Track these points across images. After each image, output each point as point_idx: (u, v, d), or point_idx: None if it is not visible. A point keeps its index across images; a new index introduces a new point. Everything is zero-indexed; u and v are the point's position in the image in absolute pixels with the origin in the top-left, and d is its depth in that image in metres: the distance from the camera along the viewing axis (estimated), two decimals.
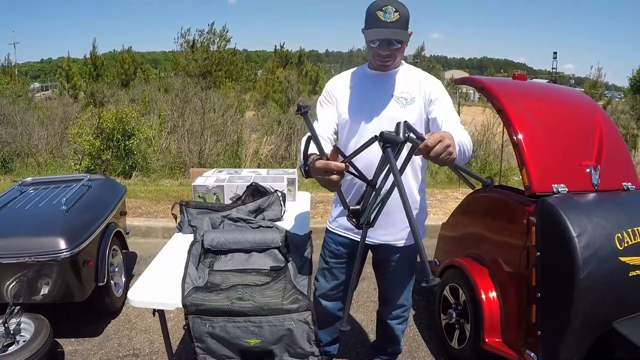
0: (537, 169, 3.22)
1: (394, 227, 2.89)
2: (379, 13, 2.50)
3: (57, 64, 39.03)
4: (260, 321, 2.30)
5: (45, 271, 3.75)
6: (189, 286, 2.37)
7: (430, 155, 1.94)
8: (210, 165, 11.07)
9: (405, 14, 2.54)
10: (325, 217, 7.35)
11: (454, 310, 3.93)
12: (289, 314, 2.30)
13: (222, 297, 2.31)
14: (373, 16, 2.53)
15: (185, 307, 2.30)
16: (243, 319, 2.29)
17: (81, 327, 4.37)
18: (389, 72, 2.78)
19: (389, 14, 2.49)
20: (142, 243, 6.61)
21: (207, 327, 2.32)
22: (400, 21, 2.52)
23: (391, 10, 2.49)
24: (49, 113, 15.09)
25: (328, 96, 2.89)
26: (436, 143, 1.92)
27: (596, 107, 3.97)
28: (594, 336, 2.98)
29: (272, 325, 2.30)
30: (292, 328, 2.31)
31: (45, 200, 4.53)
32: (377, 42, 2.59)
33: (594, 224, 2.94)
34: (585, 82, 23.89)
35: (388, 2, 2.51)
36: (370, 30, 2.56)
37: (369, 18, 2.57)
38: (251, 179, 3.73)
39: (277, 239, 2.68)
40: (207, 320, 2.31)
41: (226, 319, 2.30)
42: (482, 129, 13.34)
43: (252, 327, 2.30)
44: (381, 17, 2.50)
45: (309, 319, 2.32)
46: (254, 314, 2.28)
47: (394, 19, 2.50)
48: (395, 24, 2.50)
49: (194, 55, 24.45)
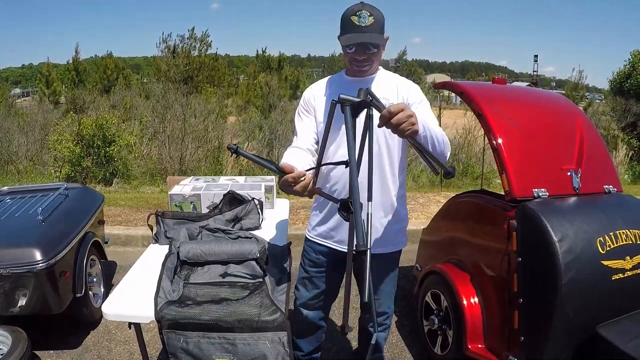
0: (517, 174, 3.21)
1: (375, 235, 2.85)
2: (354, 18, 2.50)
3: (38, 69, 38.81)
4: (235, 338, 2.25)
5: (22, 283, 3.69)
6: (162, 300, 2.32)
7: (392, 123, 1.98)
8: (191, 172, 11.02)
9: (380, 18, 2.53)
10: (307, 224, 7.32)
11: (436, 317, 3.90)
12: (263, 333, 2.25)
13: (196, 312, 2.26)
14: (348, 21, 2.53)
15: (159, 322, 2.26)
16: (217, 335, 2.25)
17: (60, 339, 4.30)
18: (366, 78, 2.75)
19: (364, 18, 2.48)
20: (121, 252, 6.55)
21: (181, 342, 2.28)
22: (375, 25, 2.51)
23: (365, 14, 2.48)
24: (29, 119, 14.94)
25: (305, 105, 2.88)
26: (399, 111, 1.97)
27: (576, 110, 3.97)
28: (577, 341, 2.97)
29: (246, 344, 2.26)
30: (267, 352, 2.26)
31: (22, 210, 4.46)
32: (352, 48, 2.57)
33: (575, 228, 2.93)
34: (567, 84, 24.09)
35: (362, 6, 2.51)
36: (346, 36, 2.55)
37: (343, 23, 2.57)
38: (228, 187, 3.69)
39: (254, 250, 2.61)
40: (181, 335, 2.27)
41: (200, 334, 2.26)
42: (463, 132, 13.37)
43: (226, 344, 2.26)
44: (356, 22, 2.50)
45: (284, 340, 2.27)
46: (228, 329, 2.23)
47: (369, 23, 2.49)
48: (370, 28, 2.50)
49: (175, 61, 24.37)
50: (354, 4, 2.56)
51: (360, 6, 2.51)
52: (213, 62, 26.71)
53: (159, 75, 24.54)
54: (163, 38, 25.32)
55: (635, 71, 18.39)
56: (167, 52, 25.15)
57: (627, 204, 3.41)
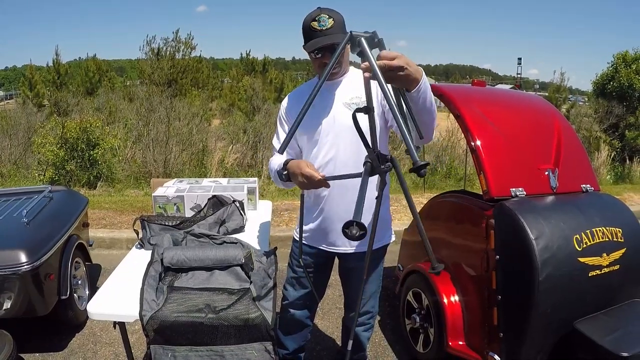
0: (495, 174, 3.26)
1: None
2: (314, 24, 2.54)
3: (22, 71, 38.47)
4: (222, 350, 2.27)
5: (6, 285, 3.69)
6: (148, 313, 2.27)
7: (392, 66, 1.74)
8: (175, 175, 10.99)
9: (340, 19, 2.57)
10: (290, 225, 7.35)
11: (417, 315, 3.95)
12: (250, 343, 2.28)
13: (182, 314, 2.27)
14: (309, 28, 2.57)
15: (148, 336, 2.26)
16: (205, 348, 2.26)
17: (45, 342, 4.31)
18: (336, 80, 2.80)
19: (324, 22, 2.52)
20: (106, 255, 6.55)
21: (169, 356, 2.28)
22: (336, 27, 2.55)
23: (325, 17, 2.52)
24: (13, 122, 14.85)
25: (284, 113, 2.96)
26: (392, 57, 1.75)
27: (555, 112, 4.03)
28: (556, 337, 3.04)
29: (234, 355, 2.28)
30: (253, 359, 2.29)
31: (6, 212, 4.47)
32: (318, 53, 2.60)
33: (552, 226, 2.99)
34: (550, 86, 24.21)
35: (320, 11, 2.55)
36: (309, 43, 2.59)
37: (305, 32, 2.61)
38: (212, 189, 3.72)
39: (239, 256, 2.57)
40: (170, 350, 2.27)
41: (188, 348, 2.26)
42: (446, 134, 13.46)
43: (214, 356, 2.28)
44: (316, 27, 2.54)
45: (270, 348, 2.31)
46: (213, 336, 2.26)
47: (330, 26, 2.53)
48: (331, 30, 2.53)
49: (160, 64, 24.23)
50: (311, 11, 2.59)
51: (318, 11, 2.55)
52: (197, 64, 26.59)
53: (143, 77, 24.39)
54: (147, 41, 25.16)
55: (618, 73, 18.57)
56: (151, 54, 24.99)
57: (604, 203, 3.47)
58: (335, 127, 2.74)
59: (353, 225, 1.61)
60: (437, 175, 12.05)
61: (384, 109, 2.72)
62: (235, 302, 2.36)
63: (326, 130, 2.77)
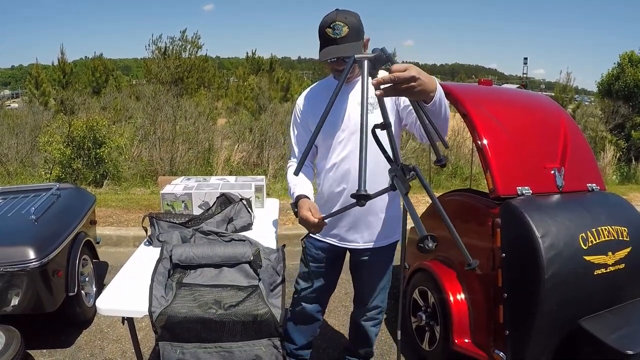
0: (501, 172, 3.27)
1: (371, 230, 2.97)
2: (328, 30, 2.53)
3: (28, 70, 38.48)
4: (231, 347, 2.29)
5: (15, 282, 3.72)
6: (157, 309, 2.29)
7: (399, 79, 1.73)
8: (181, 173, 10.99)
9: (355, 24, 2.55)
10: (296, 224, 7.35)
11: (423, 313, 3.97)
12: (259, 340, 2.31)
13: (191, 310, 2.28)
14: (323, 34, 2.57)
15: (156, 332, 2.27)
16: (214, 345, 2.28)
17: (53, 338, 4.34)
18: (352, 81, 2.82)
19: (338, 30, 2.51)
20: (113, 252, 6.57)
21: (177, 353, 2.28)
22: (351, 33, 2.53)
23: (339, 25, 2.50)
24: (19, 121, 14.88)
25: (299, 113, 2.99)
26: (402, 69, 1.74)
27: (561, 111, 4.03)
28: (561, 334, 3.04)
29: (242, 351, 2.30)
30: (262, 354, 2.31)
31: (14, 209, 4.49)
32: (331, 60, 2.61)
33: (558, 224, 3.00)
34: (556, 86, 24.11)
35: (336, 16, 2.53)
36: (322, 51, 2.60)
37: (320, 37, 2.61)
38: (219, 187, 3.73)
39: (247, 254, 2.58)
40: (178, 346, 2.28)
41: (197, 345, 2.28)
42: (452, 133, 13.43)
43: (222, 352, 2.29)
44: (330, 35, 2.53)
45: (277, 344, 2.33)
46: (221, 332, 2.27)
47: (344, 34, 2.51)
48: (345, 39, 2.52)
49: (166, 62, 24.23)
50: (329, 12, 2.59)
51: (334, 15, 2.54)
52: (203, 63, 26.57)
53: (150, 76, 24.39)
54: (153, 40, 25.15)
55: (624, 73, 18.49)
56: (157, 53, 24.98)
57: (609, 202, 3.48)
58: (350, 126, 2.78)
59: (427, 239, 1.63)
60: (442, 175, 12.04)
61: (398, 108, 2.76)
62: (244, 298, 2.37)
63: (342, 128, 2.81)
